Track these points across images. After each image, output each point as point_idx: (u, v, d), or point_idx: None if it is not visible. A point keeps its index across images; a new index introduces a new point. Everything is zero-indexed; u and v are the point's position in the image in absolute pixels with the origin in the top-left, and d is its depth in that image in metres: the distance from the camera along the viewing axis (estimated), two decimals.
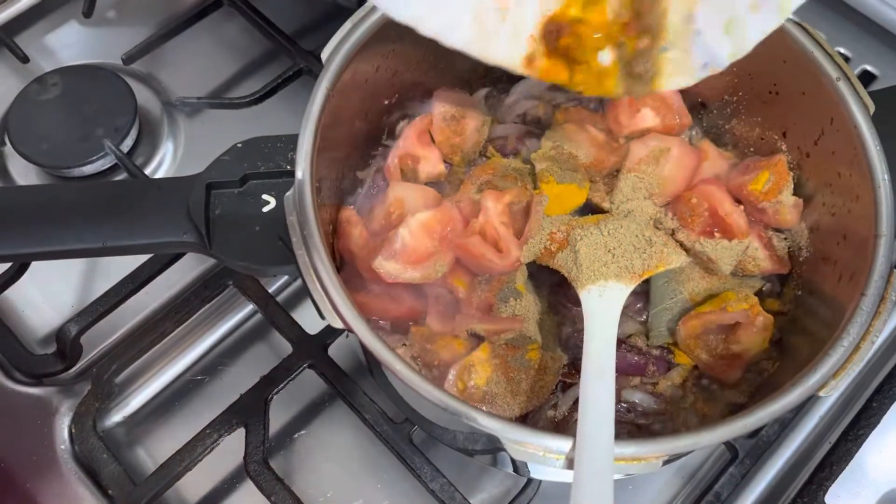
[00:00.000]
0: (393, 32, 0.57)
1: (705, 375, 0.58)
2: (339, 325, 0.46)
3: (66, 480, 0.61)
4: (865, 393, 0.65)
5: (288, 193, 0.48)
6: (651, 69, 0.48)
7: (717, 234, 0.56)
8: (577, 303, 0.54)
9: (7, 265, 0.66)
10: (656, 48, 0.48)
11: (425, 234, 0.56)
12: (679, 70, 0.49)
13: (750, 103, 0.62)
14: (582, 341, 0.53)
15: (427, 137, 0.62)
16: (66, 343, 0.64)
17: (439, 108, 0.63)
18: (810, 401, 0.65)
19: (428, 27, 0.47)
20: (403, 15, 0.47)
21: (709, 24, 0.48)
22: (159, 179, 0.64)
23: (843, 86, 0.53)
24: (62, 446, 0.63)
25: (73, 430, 0.63)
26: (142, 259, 0.66)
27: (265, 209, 0.52)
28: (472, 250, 0.55)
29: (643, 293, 0.59)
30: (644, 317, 0.59)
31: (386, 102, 0.62)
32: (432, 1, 0.47)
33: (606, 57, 0.48)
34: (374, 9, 0.55)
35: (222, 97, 0.79)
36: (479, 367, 0.54)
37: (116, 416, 0.65)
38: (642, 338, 0.59)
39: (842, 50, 0.83)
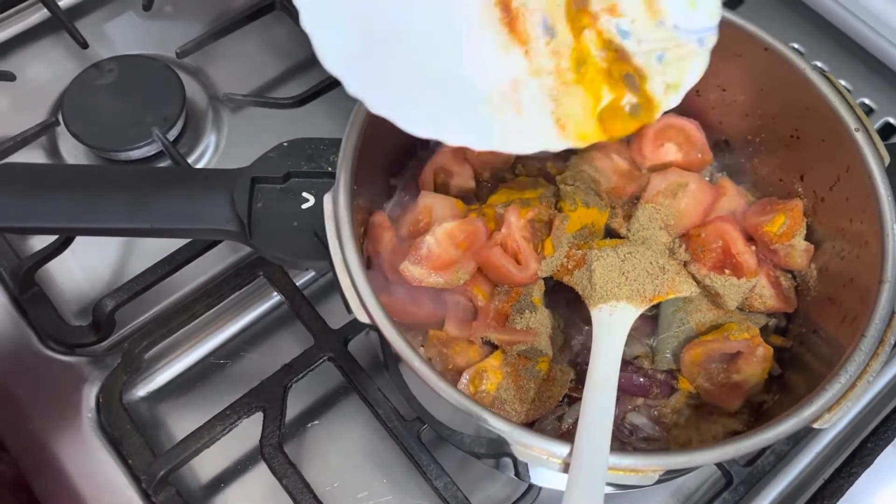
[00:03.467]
0: None
1: (706, 403, 0.60)
2: (365, 319, 0.49)
3: (89, 447, 0.64)
4: (862, 433, 0.67)
5: (327, 193, 0.51)
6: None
7: (726, 271, 0.59)
8: (590, 321, 0.57)
9: (52, 239, 0.69)
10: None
11: (450, 242, 0.59)
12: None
13: (771, 145, 0.64)
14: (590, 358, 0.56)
15: (461, 154, 0.65)
16: (101, 317, 0.67)
17: None
18: (808, 436, 0.67)
19: (454, 139, 0.49)
20: (424, 131, 0.48)
21: None
22: (207, 170, 0.67)
23: (860, 136, 0.55)
24: (88, 414, 0.66)
25: (101, 400, 0.66)
26: (179, 243, 0.69)
27: (304, 206, 0.55)
28: (493, 260, 0.58)
29: (652, 319, 0.62)
30: (651, 341, 0.61)
31: None
32: (456, 115, 0.48)
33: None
34: None
35: (266, 96, 0.83)
36: (490, 373, 0.57)
37: (142, 391, 0.68)
38: (648, 360, 0.61)
39: (866, 101, 0.85)
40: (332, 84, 0.81)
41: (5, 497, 0.80)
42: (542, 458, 0.45)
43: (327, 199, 0.51)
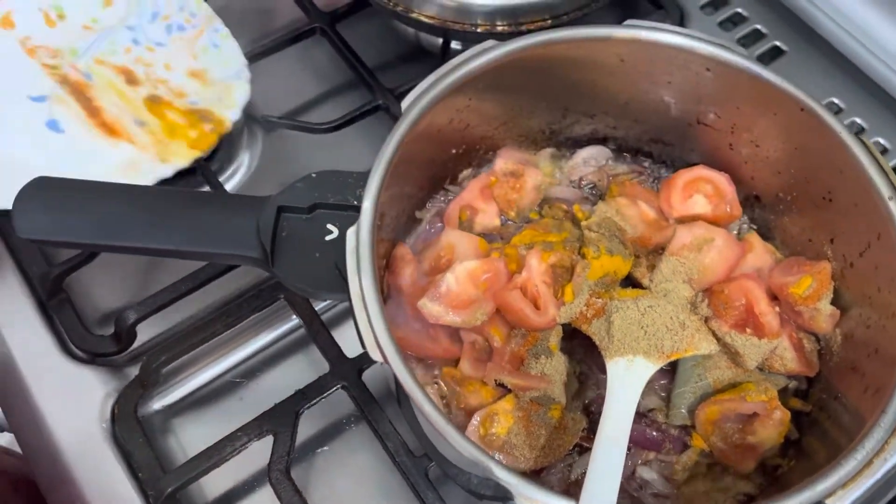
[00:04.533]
0: (471, 89, 0.61)
1: (719, 463, 0.59)
2: (378, 357, 0.49)
3: (101, 457, 0.65)
4: None
5: (351, 228, 0.52)
6: None
7: (748, 330, 0.58)
8: (605, 371, 0.57)
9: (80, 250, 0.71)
10: None
11: (470, 281, 0.59)
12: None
13: (803, 205, 0.63)
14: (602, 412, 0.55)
15: (489, 192, 0.65)
16: (122, 328, 0.68)
17: (501, 164, 0.66)
18: None
19: None
20: None
21: None
22: (235, 195, 0.68)
23: (893, 205, 0.54)
24: (103, 424, 0.66)
25: (116, 411, 0.66)
26: (203, 263, 0.70)
27: (327, 238, 0.55)
28: (512, 304, 0.58)
29: (670, 371, 0.61)
30: (667, 394, 0.60)
31: (454, 152, 0.66)
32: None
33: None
34: (456, 66, 0.59)
35: (301, 120, 0.84)
36: (502, 417, 0.57)
37: (157, 405, 0.69)
38: (663, 414, 0.60)
39: None
40: (367, 112, 0.82)
41: (8, 494, 0.81)
42: None
43: (350, 234, 0.51)
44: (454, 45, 0.83)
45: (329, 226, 0.56)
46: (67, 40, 0.80)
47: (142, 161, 0.73)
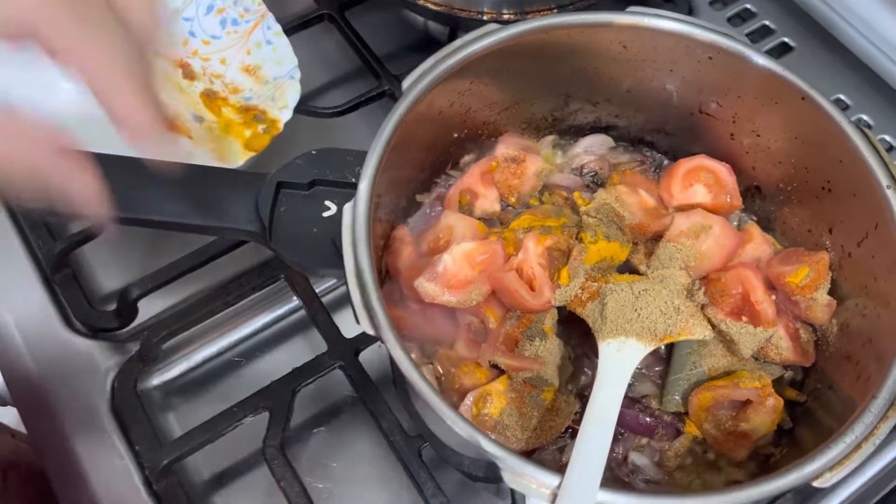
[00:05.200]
0: (472, 72, 0.61)
1: (711, 451, 0.59)
2: (371, 331, 0.49)
3: (100, 429, 0.66)
4: (870, 502, 0.65)
5: (347, 204, 0.52)
6: None
7: (744, 318, 0.58)
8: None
9: (87, 223, 0.72)
10: None
11: (467, 262, 0.59)
12: None
13: (803, 195, 0.63)
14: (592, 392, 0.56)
15: (489, 177, 0.65)
16: (125, 304, 0.69)
17: (502, 150, 0.67)
18: (813, 499, 0.65)
19: None
20: None
21: None
22: (235, 170, 0.68)
23: (891, 194, 0.54)
24: (103, 397, 0.67)
25: (116, 385, 0.67)
26: (206, 240, 0.70)
27: (325, 214, 0.56)
28: (508, 284, 0.58)
29: (665, 358, 0.61)
30: (661, 380, 0.60)
31: (455, 135, 0.66)
32: None
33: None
34: (458, 48, 0.59)
35: (308, 105, 0.84)
36: (494, 398, 0.57)
37: (156, 380, 0.70)
38: (657, 400, 0.60)
39: None
40: (373, 98, 0.83)
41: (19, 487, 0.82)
42: (531, 486, 0.45)
43: (347, 209, 0.52)
44: (461, 34, 0.83)
45: (327, 202, 0.56)
46: None
47: (198, 156, 0.73)
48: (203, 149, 0.74)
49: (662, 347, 0.60)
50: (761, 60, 0.59)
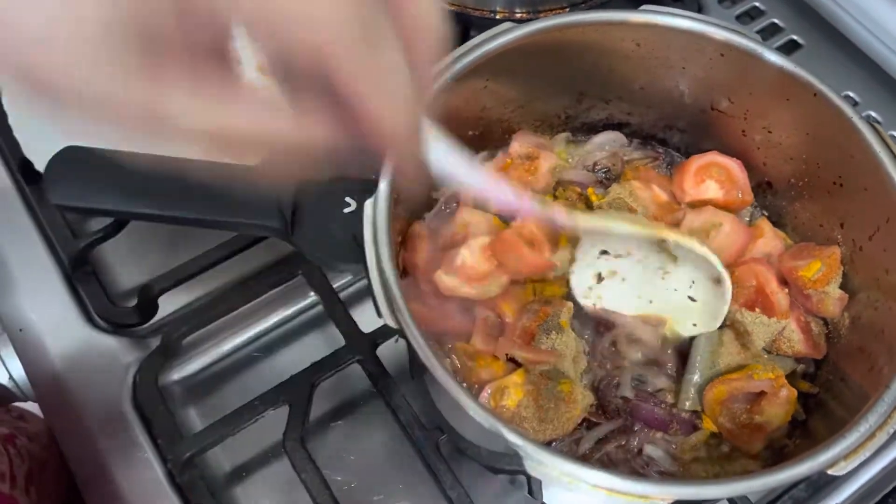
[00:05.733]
0: (487, 71, 0.62)
1: (726, 443, 0.60)
2: (392, 323, 0.50)
3: (122, 423, 0.67)
4: (885, 489, 0.66)
5: (368, 200, 0.53)
6: None
7: (757, 309, 0.59)
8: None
9: (107, 221, 0.73)
10: None
11: (484, 255, 0.60)
12: None
13: (814, 190, 0.64)
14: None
15: (505, 175, 0.66)
16: (146, 300, 0.70)
17: (516, 147, 0.68)
18: (828, 487, 0.66)
19: None
20: None
21: None
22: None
23: None
24: (125, 393, 0.68)
25: (137, 380, 0.68)
26: (225, 237, 0.71)
27: (346, 210, 0.57)
28: (509, 240, 0.59)
29: (682, 355, 0.62)
30: (676, 374, 0.61)
31: (470, 133, 0.67)
32: None
33: None
34: (473, 47, 0.60)
35: None
36: (512, 390, 0.58)
37: (176, 375, 0.71)
38: (672, 395, 0.61)
39: None
40: None
41: (47, 483, 0.83)
42: (552, 474, 0.46)
43: (368, 205, 0.53)
44: (474, 33, 0.84)
45: (348, 198, 0.57)
46: None
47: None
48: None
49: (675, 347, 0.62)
50: (773, 58, 0.60)
